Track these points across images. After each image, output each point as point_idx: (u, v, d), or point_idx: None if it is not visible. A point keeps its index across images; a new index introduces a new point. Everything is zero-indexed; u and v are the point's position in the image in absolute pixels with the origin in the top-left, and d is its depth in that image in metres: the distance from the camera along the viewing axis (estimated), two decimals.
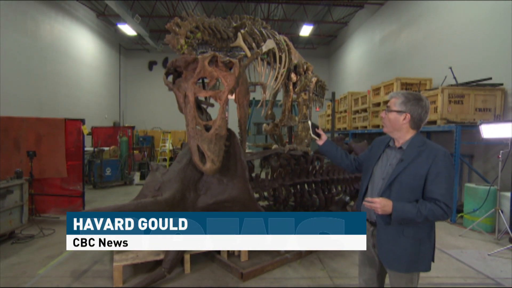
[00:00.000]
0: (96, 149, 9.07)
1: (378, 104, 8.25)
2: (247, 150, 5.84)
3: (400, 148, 1.86)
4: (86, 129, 5.91)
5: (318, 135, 2.24)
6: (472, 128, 5.59)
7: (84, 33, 13.39)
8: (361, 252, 2.04)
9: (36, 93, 10.16)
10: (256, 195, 3.93)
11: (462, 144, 5.76)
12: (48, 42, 10.93)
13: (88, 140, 9.94)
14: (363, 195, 1.98)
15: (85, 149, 6.38)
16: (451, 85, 6.15)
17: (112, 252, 3.65)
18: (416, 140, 1.83)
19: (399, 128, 1.84)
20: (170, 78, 3.16)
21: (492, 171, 6.03)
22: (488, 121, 5.09)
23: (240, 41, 3.75)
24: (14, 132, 5.30)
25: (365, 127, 9.02)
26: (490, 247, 4.44)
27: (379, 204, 1.71)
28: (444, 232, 5.11)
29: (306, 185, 4.58)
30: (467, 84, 6.07)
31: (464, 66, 6.77)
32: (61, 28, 11.70)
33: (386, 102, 7.78)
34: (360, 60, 13.60)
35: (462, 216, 5.51)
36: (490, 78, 5.91)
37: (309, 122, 2.30)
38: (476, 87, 5.90)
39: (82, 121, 5.90)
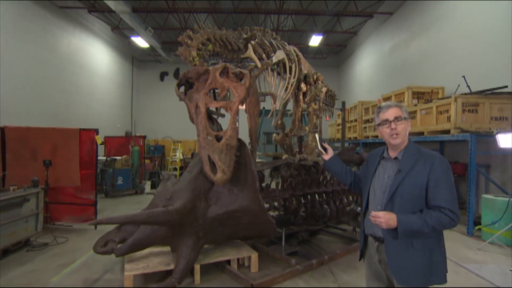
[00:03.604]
0: (108, 158, 9.25)
1: None
2: (257, 160, 5.84)
3: (396, 158, 1.84)
4: (99, 139, 6.04)
5: (325, 149, 2.24)
6: (488, 137, 5.45)
7: (99, 46, 13.89)
8: (368, 267, 1.99)
9: (52, 103, 10.53)
10: (266, 205, 3.91)
11: (478, 153, 5.61)
12: (65, 55, 11.38)
13: (100, 149, 10.16)
14: (365, 210, 1.95)
15: (98, 158, 6.51)
16: (465, 94, 6.05)
17: (123, 261, 3.68)
18: (411, 148, 1.82)
19: (406, 136, 1.84)
20: (182, 89, 3.23)
21: (511, 181, 5.83)
22: (505, 130, 4.95)
23: (250, 52, 3.81)
24: (32, 142, 5.47)
25: (376, 136, 8.91)
26: (511, 262, 4.25)
27: (383, 218, 1.68)
28: (461, 245, 4.94)
29: (317, 196, 4.54)
30: (481, 92, 5.95)
31: (477, 74, 6.66)
32: (78, 42, 12.17)
33: None
34: (370, 69, 13.55)
35: (480, 229, 5.32)
36: (506, 86, 5.78)
37: (317, 136, 2.35)
38: (491, 95, 5.77)
39: (96, 131, 6.03)
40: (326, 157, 2.24)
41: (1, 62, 8.32)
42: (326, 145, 2.26)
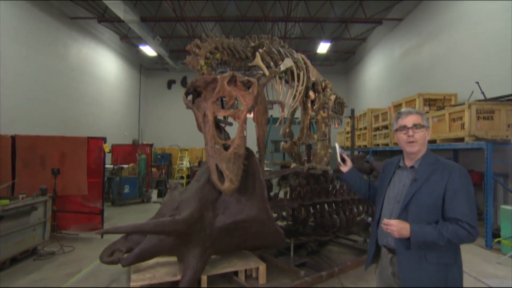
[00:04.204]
0: (115, 167, 9.37)
1: None
2: (265, 168, 5.85)
3: (412, 167, 1.82)
4: (107, 147, 6.15)
5: (343, 161, 2.17)
6: (505, 145, 5.34)
7: (108, 55, 14.26)
8: (380, 280, 1.94)
9: (61, 112, 10.80)
10: (275, 215, 3.89)
11: (495, 162, 5.49)
12: (75, 64, 11.71)
13: (107, 158, 10.32)
14: (378, 220, 1.91)
15: (105, 166, 6.61)
16: (479, 101, 5.96)
17: (129, 271, 3.69)
18: (428, 158, 1.79)
19: (424, 144, 1.81)
20: (190, 97, 3.28)
21: None
22: None
23: (258, 61, 3.86)
24: (41, 150, 5.60)
25: (387, 144, 8.82)
26: None
27: (395, 227, 1.65)
28: (480, 259, 4.79)
29: (326, 205, 4.49)
30: (497, 99, 5.86)
31: (492, 80, 6.57)
32: (87, 51, 12.53)
33: None
34: (380, 76, 13.51)
35: (499, 242, 5.15)
36: None
37: (337, 145, 2.23)
38: (507, 102, 5.68)
39: (104, 139, 6.14)
40: (344, 168, 2.17)
41: (13, 71, 8.61)
42: (345, 156, 2.18)
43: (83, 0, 11.05)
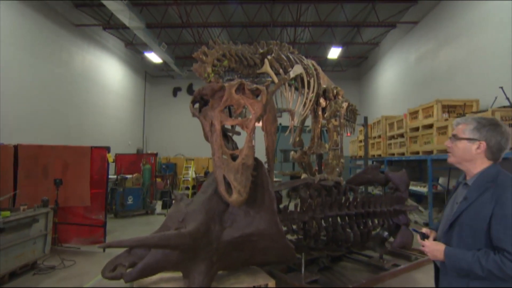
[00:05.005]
0: (118, 177, 9.47)
1: (417, 129, 8.01)
2: (274, 179, 5.83)
3: (466, 184, 1.73)
4: (111, 157, 6.23)
5: (426, 236, 1.86)
6: None
7: (113, 62, 14.63)
8: None
9: (65, 120, 11.07)
10: (284, 228, 3.85)
11: None
12: (79, 72, 12.05)
13: (111, 167, 10.45)
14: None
15: (108, 176, 6.68)
16: (504, 107, 5.86)
17: (132, 287, 3.68)
18: (487, 175, 1.64)
19: (471, 158, 1.68)
20: (197, 105, 3.32)
21: None
22: None
23: (267, 67, 3.90)
24: (43, 160, 5.71)
25: (403, 153, 8.70)
26: None
27: (428, 248, 1.63)
28: None
29: (338, 218, 4.44)
30: None
31: None
32: (92, 58, 12.89)
33: (426, 127, 7.54)
34: (394, 81, 13.45)
35: None
36: None
37: (419, 238, 1.85)
38: None
39: (108, 149, 6.23)
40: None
41: (16, 79, 8.90)
42: (426, 231, 1.89)
43: (89, 7, 11.44)
